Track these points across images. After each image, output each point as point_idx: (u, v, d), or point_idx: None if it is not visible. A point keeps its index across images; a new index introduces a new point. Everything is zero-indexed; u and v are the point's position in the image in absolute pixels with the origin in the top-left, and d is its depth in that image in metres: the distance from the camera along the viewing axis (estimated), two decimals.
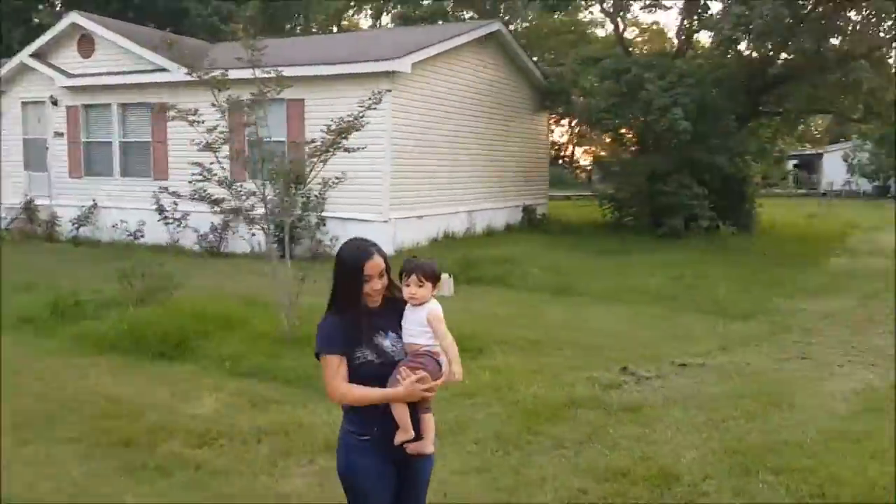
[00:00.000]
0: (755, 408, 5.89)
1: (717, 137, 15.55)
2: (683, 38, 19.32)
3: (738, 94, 16.81)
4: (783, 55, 16.84)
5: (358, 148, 7.88)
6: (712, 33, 17.70)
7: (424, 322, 2.88)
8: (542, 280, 11.21)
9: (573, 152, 50.88)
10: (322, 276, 3.91)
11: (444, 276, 10.48)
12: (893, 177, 36.75)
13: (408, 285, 2.91)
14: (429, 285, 2.91)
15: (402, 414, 2.81)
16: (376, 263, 2.86)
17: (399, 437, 2.82)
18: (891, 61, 17.30)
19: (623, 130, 18.09)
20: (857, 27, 16.55)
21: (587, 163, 41.10)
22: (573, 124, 29.13)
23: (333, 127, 7.71)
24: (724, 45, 17.40)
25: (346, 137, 7.74)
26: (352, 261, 2.88)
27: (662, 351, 7.71)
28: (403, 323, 2.93)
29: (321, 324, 2.95)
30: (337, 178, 7.84)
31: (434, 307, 2.92)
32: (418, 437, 2.85)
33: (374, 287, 2.88)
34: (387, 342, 2.90)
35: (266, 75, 7.76)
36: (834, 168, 41.03)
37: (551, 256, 12.98)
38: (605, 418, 5.70)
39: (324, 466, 4.79)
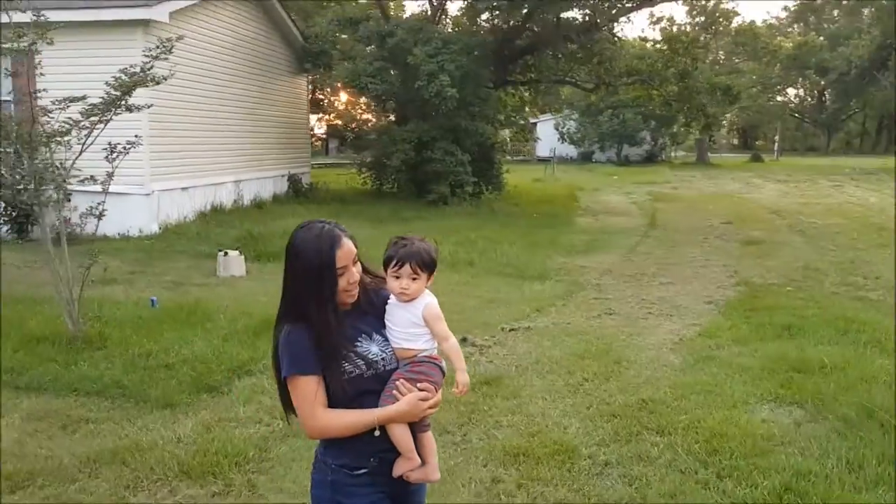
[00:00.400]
0: (602, 368, 6.07)
1: (476, 105, 16.02)
2: (436, 4, 19.62)
3: (489, 62, 17.45)
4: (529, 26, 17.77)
5: (144, 106, 6.65)
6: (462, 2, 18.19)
7: (419, 321, 2.29)
8: None
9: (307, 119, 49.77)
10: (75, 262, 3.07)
11: (234, 253, 9.49)
12: (597, 144, 41.59)
13: (397, 277, 2.29)
14: (424, 277, 2.31)
15: (404, 438, 2.24)
16: (349, 249, 2.21)
17: (401, 468, 2.27)
18: (621, 34, 19.22)
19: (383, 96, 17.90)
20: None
21: (322, 131, 40.48)
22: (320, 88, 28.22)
23: (113, 81, 6.39)
24: (468, 13, 17.96)
25: (129, 95, 6.48)
26: (317, 253, 2.18)
27: (487, 317, 7.70)
28: (389, 323, 2.32)
29: (286, 340, 2.25)
30: (114, 143, 6.47)
31: (430, 301, 2.33)
32: (421, 462, 2.30)
33: (352, 278, 2.23)
34: (373, 348, 2.28)
35: None
36: (546, 136, 45.09)
37: None
38: (472, 395, 5.46)
39: (189, 494, 3.97)
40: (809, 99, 62.56)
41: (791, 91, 63.81)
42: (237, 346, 6.27)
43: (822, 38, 54.05)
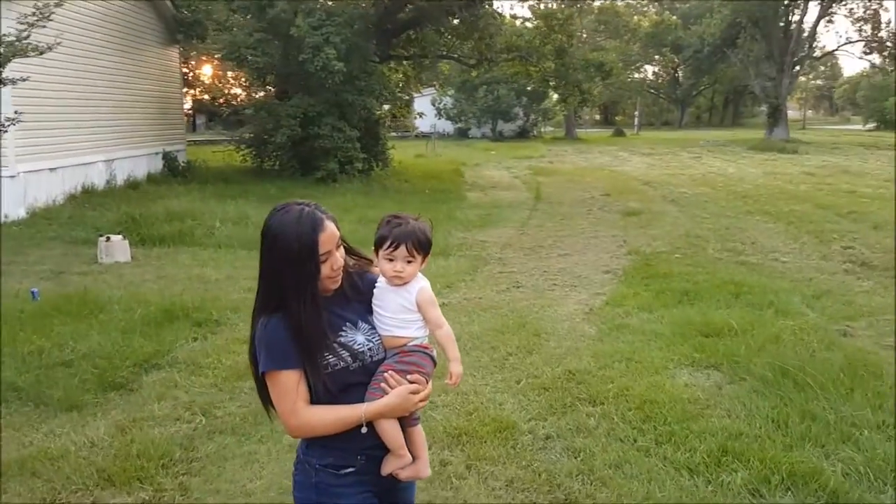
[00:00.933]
0: (523, 341, 6.11)
1: (363, 79, 15.66)
2: None
3: (372, 36, 17.10)
4: None
5: (19, 79, 5.98)
6: None
7: (412, 306, 2.14)
8: (230, 234, 10.11)
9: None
10: None
11: (117, 237, 8.82)
12: (473, 120, 42.05)
13: (391, 259, 2.12)
14: (419, 259, 2.15)
15: (393, 434, 2.10)
16: (332, 232, 2.03)
17: (391, 465, 2.13)
18: (500, 10, 19.36)
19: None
20: None
21: (188, 106, 38.36)
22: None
23: None
24: None
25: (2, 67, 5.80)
26: (297, 238, 1.99)
27: None
28: (378, 309, 2.16)
29: (263, 332, 2.06)
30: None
31: (424, 285, 2.18)
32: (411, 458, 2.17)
33: (337, 264, 2.06)
34: (359, 338, 2.11)
35: None
36: (424, 112, 45.04)
37: (223, 208, 11.80)
38: None
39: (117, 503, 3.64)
40: (665, 76, 66.03)
41: (648, 68, 67.16)
42: (139, 338, 5.82)
43: (675, 17, 57.12)
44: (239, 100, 19.82)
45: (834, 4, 41.02)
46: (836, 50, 46.59)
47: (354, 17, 15.06)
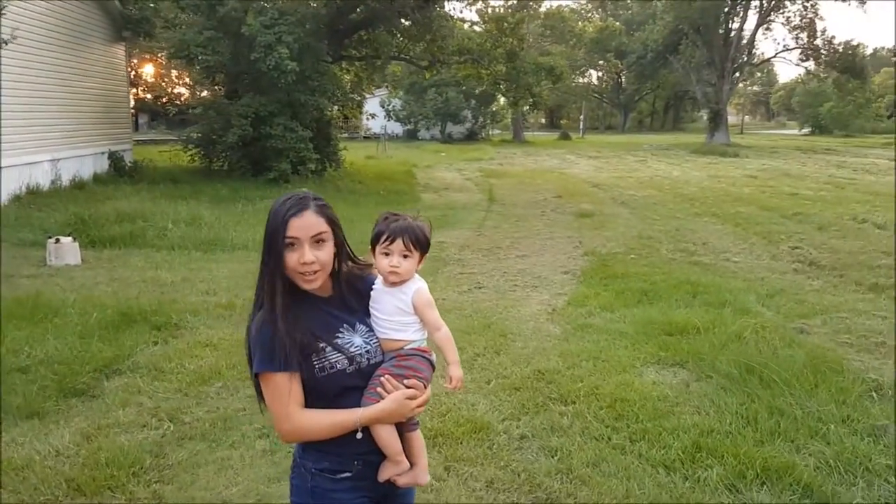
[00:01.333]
0: (490, 342, 6.12)
1: (315, 79, 15.47)
2: None
3: (323, 36, 16.91)
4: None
5: None
6: None
7: (408, 308, 2.10)
8: (183, 236, 9.86)
9: None
10: None
11: (66, 239, 8.52)
12: (423, 121, 42.07)
13: (386, 254, 2.09)
14: (416, 256, 2.11)
15: (390, 440, 2.05)
16: (309, 222, 1.96)
17: (388, 472, 2.09)
18: (453, 13, 19.39)
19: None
20: None
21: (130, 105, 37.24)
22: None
23: None
24: None
25: None
26: (274, 216, 1.96)
27: None
28: (374, 311, 2.12)
29: (257, 331, 2.00)
30: None
31: (420, 286, 2.14)
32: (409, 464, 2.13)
33: (304, 258, 1.95)
34: (356, 339, 2.06)
35: None
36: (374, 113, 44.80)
37: (175, 209, 11.49)
38: None
39: None
40: (609, 81, 67.25)
41: (593, 73, 68.27)
42: (97, 342, 5.62)
43: (618, 23, 58.24)
44: (183, 99, 19.36)
45: (772, 13, 42.42)
46: (774, 57, 48.20)
47: (307, 16, 14.86)
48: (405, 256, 2.09)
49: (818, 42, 43.41)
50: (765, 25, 43.17)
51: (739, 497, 3.69)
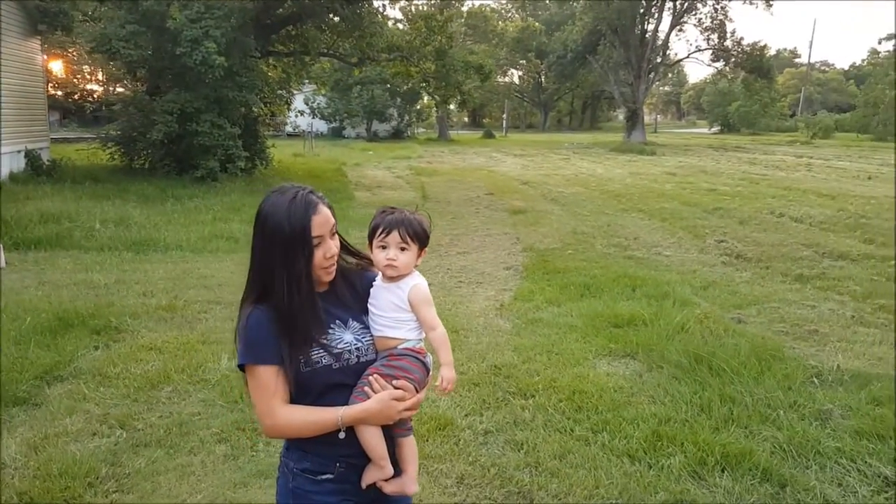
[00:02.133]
0: None
1: (244, 75, 15.07)
2: None
3: (250, 31, 16.49)
4: None
5: None
6: None
7: (405, 305, 2.03)
8: (112, 236, 9.44)
9: None
10: None
11: None
12: (348, 119, 41.64)
13: (383, 246, 2.03)
14: (414, 249, 2.05)
15: (373, 442, 1.97)
16: (326, 217, 1.94)
17: (371, 476, 2.00)
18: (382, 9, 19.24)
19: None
20: None
21: None
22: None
23: None
24: None
25: None
26: (289, 219, 1.88)
27: None
28: (372, 308, 2.06)
29: (244, 322, 1.94)
30: None
31: (418, 282, 2.07)
32: (396, 472, 2.05)
33: (329, 252, 1.95)
34: (347, 336, 2.01)
35: None
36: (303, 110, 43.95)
37: (101, 208, 11.00)
38: None
39: None
40: (529, 80, 68.25)
41: (514, 72, 69.14)
42: (35, 348, 5.34)
43: (538, 23, 59.21)
44: (96, 96, 18.52)
45: (685, 15, 43.98)
46: (687, 57, 50.02)
47: (234, 10, 14.46)
48: (402, 249, 2.03)
49: (728, 43, 45.28)
50: (678, 27, 44.72)
51: (703, 483, 3.82)
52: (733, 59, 45.34)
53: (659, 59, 44.67)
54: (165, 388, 4.94)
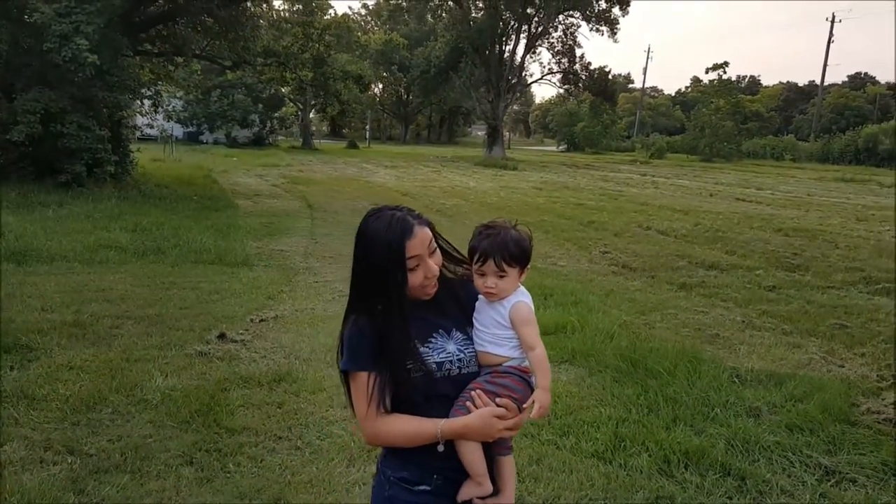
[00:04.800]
0: None
1: (116, 74, 14.09)
2: None
3: (118, 28, 15.47)
4: None
5: None
6: None
7: (506, 322, 2.00)
8: None
9: None
10: None
11: None
12: (206, 124, 39.95)
13: (482, 274, 2.00)
14: (514, 273, 2.01)
15: (473, 458, 1.94)
16: (422, 238, 1.94)
17: (468, 492, 1.98)
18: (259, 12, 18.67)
19: None
20: None
21: None
22: None
23: None
24: None
25: None
26: (385, 245, 1.91)
27: (224, 310, 7.07)
28: (476, 322, 2.05)
29: (348, 331, 1.98)
30: None
31: (520, 301, 2.03)
32: (494, 489, 2.00)
33: (430, 272, 1.96)
34: (449, 346, 2.01)
35: None
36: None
37: None
38: (278, 393, 5.05)
39: None
40: (391, 93, 68.67)
41: (374, 85, 69.27)
42: None
43: (401, 37, 59.76)
44: None
45: (539, 38, 46.10)
46: (542, 79, 52.35)
47: (106, 6, 13.49)
48: (500, 276, 2.00)
49: (577, 67, 47.98)
50: (532, 50, 46.81)
51: (673, 480, 4.06)
52: (581, 83, 48.07)
53: (516, 80, 46.48)
54: (103, 409, 4.58)
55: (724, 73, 53.31)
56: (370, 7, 71.99)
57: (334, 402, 4.95)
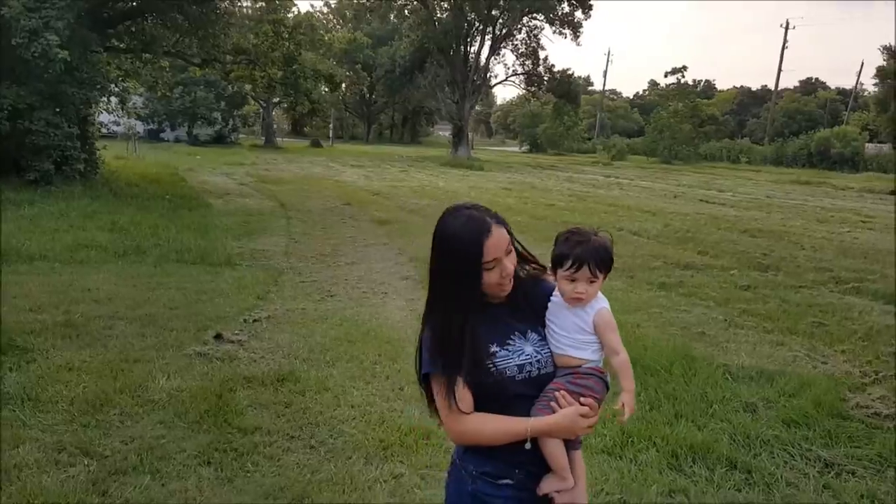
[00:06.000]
0: (381, 349, 6.08)
1: (84, 70, 13.78)
2: None
3: (86, 24, 15.13)
4: None
5: None
6: None
7: (589, 328, 2.07)
8: None
9: None
10: None
11: None
12: (167, 121, 39.28)
13: (572, 280, 2.05)
14: (602, 278, 2.07)
15: (557, 454, 2.03)
16: (499, 238, 1.98)
17: (551, 486, 2.06)
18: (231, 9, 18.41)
19: None
20: None
21: None
22: None
23: None
24: None
25: None
26: (462, 244, 1.95)
27: (215, 310, 7.01)
28: (552, 325, 2.10)
29: (428, 333, 2.03)
30: None
31: (603, 307, 2.10)
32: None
33: (506, 271, 2.00)
34: (527, 348, 2.06)
35: None
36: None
37: None
38: (283, 393, 5.05)
39: None
40: (355, 92, 68.22)
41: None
42: None
43: (365, 37, 59.47)
44: None
45: (504, 40, 46.41)
46: (506, 80, 52.66)
47: (75, 1, 13.18)
48: (591, 282, 2.06)
49: (540, 69, 48.42)
50: (497, 51, 47.11)
51: (684, 473, 4.18)
52: (545, 84, 48.54)
53: (480, 81, 46.71)
54: (111, 410, 4.53)
55: (683, 76, 54.40)
56: (332, 6, 71.59)
57: (341, 402, 4.98)
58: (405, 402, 5.03)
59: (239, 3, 20.68)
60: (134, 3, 16.16)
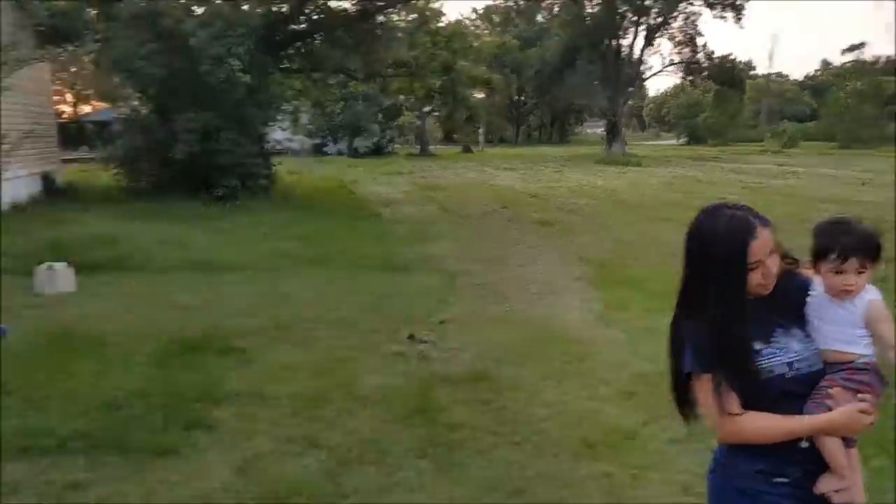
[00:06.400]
0: (562, 350, 6.07)
1: (262, 92, 14.93)
2: None
3: (261, 47, 16.33)
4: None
5: None
6: None
7: (859, 320, 1.94)
8: (169, 258, 9.26)
9: None
10: None
11: (60, 265, 7.83)
12: (330, 137, 41.49)
13: (839, 272, 1.92)
14: (870, 268, 1.94)
15: (836, 452, 1.94)
16: (765, 240, 1.90)
17: (828, 485, 1.96)
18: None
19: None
20: None
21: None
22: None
23: None
24: None
25: None
26: (725, 244, 1.89)
27: (403, 311, 7.33)
28: (817, 320, 1.99)
29: (687, 333, 1.98)
30: None
31: (874, 298, 1.95)
32: None
33: (769, 273, 1.93)
34: (794, 345, 1.97)
35: None
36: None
37: (144, 230, 10.76)
38: (482, 394, 5.14)
39: None
40: (504, 96, 68.65)
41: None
42: (178, 372, 5.19)
43: (514, 39, 59.67)
44: (64, 116, 18.06)
45: (659, 30, 45.00)
46: (661, 71, 51.05)
47: (253, 28, 14.30)
48: (860, 273, 1.94)
49: (699, 56, 46.45)
50: (652, 42, 45.72)
51: None
52: (705, 72, 46.49)
53: (635, 73, 45.55)
54: (328, 406, 4.84)
55: (862, 53, 50.13)
56: (479, 11, 72.42)
57: (534, 401, 5.03)
58: (601, 401, 5.01)
59: (395, 17, 21.45)
60: (304, 25, 17.18)
